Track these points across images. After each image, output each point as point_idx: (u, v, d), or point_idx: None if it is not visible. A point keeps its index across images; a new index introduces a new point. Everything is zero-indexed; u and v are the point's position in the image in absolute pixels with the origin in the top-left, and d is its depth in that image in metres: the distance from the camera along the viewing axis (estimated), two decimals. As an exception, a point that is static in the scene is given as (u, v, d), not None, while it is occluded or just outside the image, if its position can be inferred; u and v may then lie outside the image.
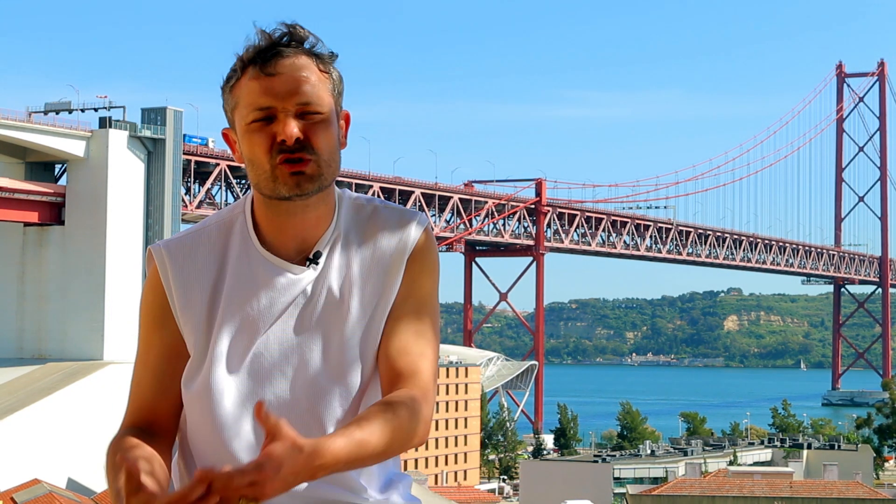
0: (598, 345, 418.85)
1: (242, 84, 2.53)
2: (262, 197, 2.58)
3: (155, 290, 2.63)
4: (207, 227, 2.66)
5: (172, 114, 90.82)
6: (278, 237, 2.61)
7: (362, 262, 2.63)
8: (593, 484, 67.77)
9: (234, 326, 2.59)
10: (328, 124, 2.53)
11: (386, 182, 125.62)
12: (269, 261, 2.60)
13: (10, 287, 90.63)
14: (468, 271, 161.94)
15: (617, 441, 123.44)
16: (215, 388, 2.58)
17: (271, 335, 2.59)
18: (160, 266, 2.62)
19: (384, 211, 2.69)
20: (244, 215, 2.65)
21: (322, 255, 2.61)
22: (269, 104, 2.49)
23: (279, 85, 2.49)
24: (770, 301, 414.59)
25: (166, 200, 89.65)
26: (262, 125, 2.51)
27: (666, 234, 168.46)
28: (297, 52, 2.53)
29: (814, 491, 58.31)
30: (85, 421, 77.08)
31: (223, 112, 2.60)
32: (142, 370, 2.65)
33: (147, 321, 2.65)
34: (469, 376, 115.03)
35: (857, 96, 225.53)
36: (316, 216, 2.60)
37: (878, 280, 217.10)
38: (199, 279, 2.61)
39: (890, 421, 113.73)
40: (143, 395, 2.65)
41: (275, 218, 2.60)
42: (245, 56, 2.53)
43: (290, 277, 2.59)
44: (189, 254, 2.62)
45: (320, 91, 2.52)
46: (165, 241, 2.66)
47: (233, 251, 2.63)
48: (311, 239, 2.62)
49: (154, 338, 2.64)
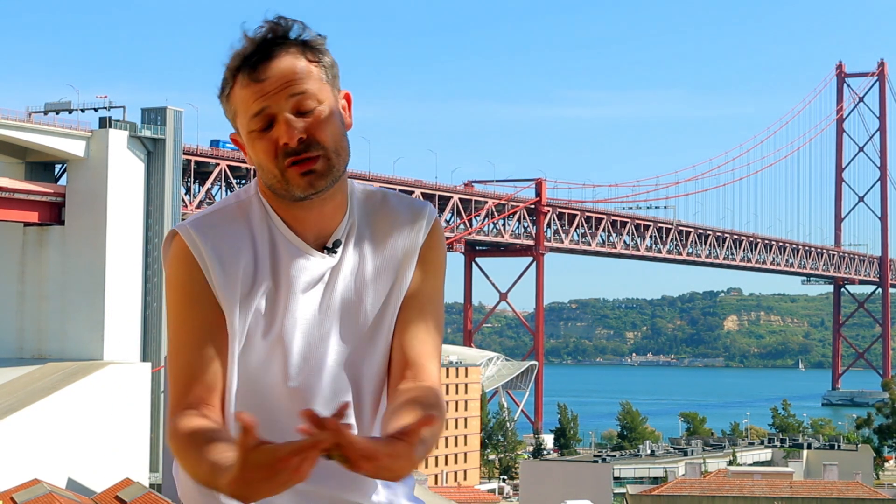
0: (598, 345, 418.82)
1: (236, 92, 2.52)
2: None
3: (189, 268, 2.58)
4: (228, 206, 2.64)
5: (172, 114, 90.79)
6: (298, 224, 2.61)
7: (375, 252, 2.66)
8: (593, 484, 67.76)
9: (265, 306, 2.59)
10: (329, 115, 2.52)
11: (386, 182, 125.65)
12: (294, 245, 2.61)
13: (10, 287, 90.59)
14: (468, 271, 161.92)
15: (617, 441, 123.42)
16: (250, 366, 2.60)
17: (297, 318, 2.60)
18: (191, 245, 2.57)
19: (394, 200, 2.71)
20: (258, 197, 2.63)
21: (341, 244, 2.63)
22: (262, 107, 2.48)
23: (270, 87, 2.48)
24: (770, 301, 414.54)
25: (166, 200, 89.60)
26: (263, 132, 2.50)
27: (666, 234, 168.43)
28: (284, 48, 2.50)
29: (814, 491, 58.30)
30: (85, 421, 77.07)
31: (227, 119, 2.59)
32: (188, 348, 2.58)
33: (183, 300, 2.59)
34: (469, 376, 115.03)
35: (857, 96, 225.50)
36: (333, 206, 2.61)
37: (878, 280, 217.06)
38: (233, 256, 2.58)
39: (890, 421, 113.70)
40: (195, 372, 2.56)
41: (291, 211, 2.60)
42: (231, 65, 2.51)
43: (312, 261, 2.61)
44: (217, 232, 2.59)
45: (313, 82, 2.51)
46: (190, 220, 2.61)
47: (257, 231, 2.61)
48: (328, 228, 2.62)
49: (195, 314, 2.58)
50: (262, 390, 2.61)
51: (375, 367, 2.66)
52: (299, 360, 2.61)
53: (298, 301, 2.60)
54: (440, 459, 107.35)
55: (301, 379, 2.61)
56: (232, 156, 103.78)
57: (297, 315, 2.60)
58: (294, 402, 2.60)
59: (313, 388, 2.62)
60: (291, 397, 2.60)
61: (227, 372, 2.59)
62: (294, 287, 2.59)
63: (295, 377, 2.61)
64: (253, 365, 2.60)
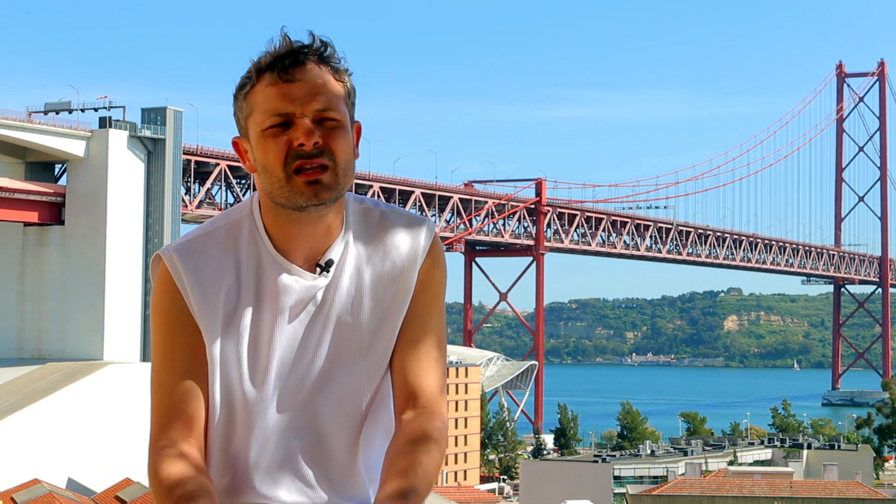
0: (598, 345, 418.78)
1: (258, 90, 2.50)
2: (274, 205, 2.55)
3: (171, 295, 2.59)
4: (216, 229, 2.62)
5: (172, 114, 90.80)
6: (289, 244, 2.58)
7: (373, 270, 2.62)
8: (593, 484, 67.73)
9: (249, 331, 2.57)
10: (345, 132, 2.51)
11: (386, 182, 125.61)
12: (281, 266, 2.57)
13: (10, 287, 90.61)
14: (468, 271, 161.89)
15: (617, 441, 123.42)
16: (232, 392, 2.59)
17: (283, 340, 2.57)
18: (172, 270, 2.58)
19: (392, 216, 2.67)
20: (252, 217, 2.61)
21: (334, 264, 2.59)
22: (287, 110, 2.47)
23: (298, 90, 2.47)
24: (770, 301, 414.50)
25: (166, 200, 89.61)
26: (278, 131, 2.48)
27: (666, 234, 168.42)
28: (315, 60, 2.51)
29: (814, 491, 58.28)
30: (85, 421, 77.07)
31: (235, 120, 2.57)
32: (169, 376, 2.60)
33: (166, 326, 2.61)
34: (469, 376, 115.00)
35: (857, 96, 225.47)
36: (327, 225, 2.58)
37: (878, 280, 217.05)
38: (214, 282, 2.57)
39: (890, 421, 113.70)
40: (176, 402, 2.59)
41: (286, 226, 2.57)
42: (263, 61, 2.50)
43: (302, 283, 2.57)
44: (201, 257, 2.58)
45: (337, 99, 2.50)
46: (174, 245, 2.60)
47: (244, 254, 2.59)
48: (321, 246, 2.59)
49: (177, 342, 2.59)
50: (246, 414, 2.59)
51: (372, 385, 2.64)
52: (286, 382, 2.58)
53: (286, 322, 2.57)
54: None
55: (287, 401, 2.59)
56: (233, 156, 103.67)
57: (285, 336, 2.57)
58: (280, 424, 2.59)
59: (300, 410, 2.60)
60: (278, 419, 2.59)
61: (210, 400, 2.59)
62: (281, 309, 2.56)
63: (281, 398, 2.58)
64: (237, 388, 2.58)
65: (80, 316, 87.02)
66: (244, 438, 2.58)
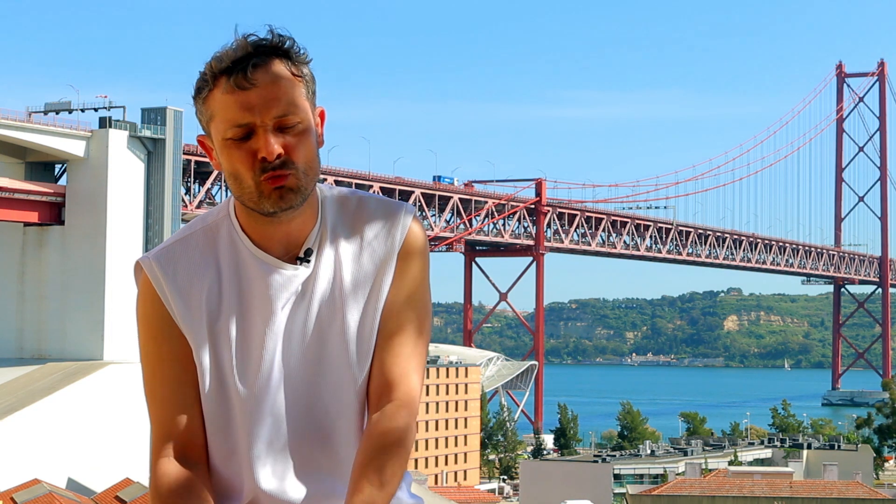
0: (598, 345, 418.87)
1: (216, 96, 2.49)
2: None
3: (152, 303, 2.60)
4: (194, 233, 2.63)
5: (172, 114, 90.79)
6: (267, 241, 2.59)
7: (353, 257, 2.63)
8: (593, 484, 67.75)
9: (235, 329, 2.59)
10: (306, 133, 2.51)
11: (386, 182, 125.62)
12: (261, 260, 2.59)
13: (10, 287, 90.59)
14: (468, 271, 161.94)
15: (617, 441, 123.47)
16: (223, 393, 2.60)
17: (271, 334, 2.58)
18: (152, 278, 2.59)
19: (369, 202, 2.67)
20: (229, 219, 2.62)
21: (313, 253, 2.60)
22: (246, 120, 2.46)
23: (255, 99, 2.46)
24: (770, 301, 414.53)
25: (166, 200, 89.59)
26: (240, 142, 2.48)
27: (666, 234, 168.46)
28: (270, 60, 2.48)
29: (814, 491, 58.28)
30: (85, 421, 77.06)
31: (197, 120, 2.56)
32: (161, 386, 2.62)
33: (151, 335, 2.62)
34: (469, 376, 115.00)
35: (857, 96, 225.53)
36: (301, 220, 2.59)
37: (878, 280, 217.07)
38: (194, 287, 2.59)
39: (890, 421, 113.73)
40: (169, 412, 2.62)
41: (261, 225, 2.58)
42: (216, 67, 2.48)
43: (284, 275, 2.58)
44: (179, 262, 2.60)
45: (296, 98, 2.49)
46: (153, 252, 2.62)
47: (223, 255, 2.61)
48: (297, 239, 2.60)
49: (164, 349, 2.60)
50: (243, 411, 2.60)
51: (364, 369, 2.64)
52: (279, 374, 2.59)
53: (272, 315, 2.58)
54: (440, 459, 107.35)
55: (283, 393, 2.60)
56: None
57: (272, 329, 2.58)
58: (278, 416, 2.60)
59: (296, 401, 2.61)
60: (275, 412, 2.60)
61: (205, 404, 2.61)
62: (265, 303, 2.58)
63: (276, 392, 2.59)
64: (231, 388, 2.59)
65: (80, 316, 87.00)
66: (243, 435, 2.59)
